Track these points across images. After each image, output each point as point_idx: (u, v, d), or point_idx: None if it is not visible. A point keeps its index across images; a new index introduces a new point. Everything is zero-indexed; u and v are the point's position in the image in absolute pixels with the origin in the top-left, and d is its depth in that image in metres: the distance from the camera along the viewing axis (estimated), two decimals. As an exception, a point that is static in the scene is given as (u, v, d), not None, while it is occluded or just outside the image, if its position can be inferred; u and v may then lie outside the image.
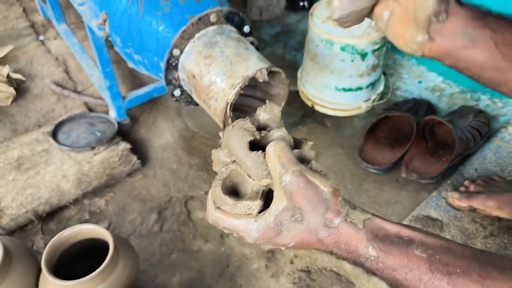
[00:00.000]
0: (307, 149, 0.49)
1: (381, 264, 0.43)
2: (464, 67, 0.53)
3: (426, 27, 0.51)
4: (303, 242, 0.46)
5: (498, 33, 0.50)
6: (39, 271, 0.86)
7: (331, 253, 0.46)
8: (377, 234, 0.43)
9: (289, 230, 0.45)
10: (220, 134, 0.52)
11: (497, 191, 1.04)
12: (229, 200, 0.47)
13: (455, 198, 1.06)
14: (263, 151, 0.47)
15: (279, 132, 0.49)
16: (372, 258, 0.43)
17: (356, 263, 0.45)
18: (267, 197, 0.48)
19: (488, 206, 1.02)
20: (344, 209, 0.44)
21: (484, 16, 0.51)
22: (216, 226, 0.50)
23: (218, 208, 0.49)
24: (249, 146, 0.47)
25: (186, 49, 0.89)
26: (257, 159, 0.46)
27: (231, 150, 0.49)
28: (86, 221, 1.09)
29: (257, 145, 0.48)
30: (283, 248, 0.47)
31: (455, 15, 0.51)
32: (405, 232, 0.44)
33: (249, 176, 0.48)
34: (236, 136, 0.48)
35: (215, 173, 0.52)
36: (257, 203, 0.47)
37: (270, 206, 0.46)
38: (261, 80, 0.82)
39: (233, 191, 0.49)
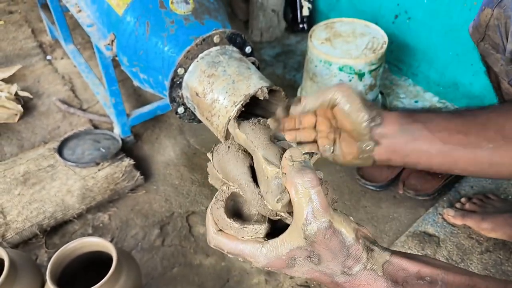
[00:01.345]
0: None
1: None
2: (414, 161, 0.58)
3: (369, 133, 0.56)
4: (315, 279, 0.43)
5: (429, 123, 0.56)
6: (43, 283, 0.88)
7: None
8: (397, 279, 0.41)
9: (303, 266, 0.42)
10: (209, 155, 0.47)
11: (492, 211, 1.06)
12: (235, 224, 0.43)
13: (450, 216, 1.09)
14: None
15: (298, 155, 0.42)
16: None
17: None
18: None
19: (483, 228, 1.04)
20: (364, 254, 0.41)
21: (411, 113, 0.57)
22: (220, 250, 0.46)
23: (221, 230, 0.45)
24: (250, 173, 0.43)
25: (190, 68, 0.92)
26: (272, 184, 0.41)
27: (228, 176, 0.44)
28: (89, 236, 1.11)
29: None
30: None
31: (388, 118, 0.56)
32: (426, 271, 0.41)
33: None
34: (234, 162, 0.44)
35: (214, 187, 0.49)
36: (265, 226, 0.43)
37: (283, 237, 0.42)
38: (261, 98, 0.85)
39: (236, 212, 0.46)
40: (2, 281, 0.77)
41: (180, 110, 1.00)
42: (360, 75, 1.28)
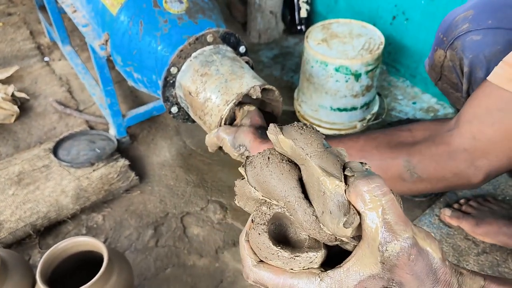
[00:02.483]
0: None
1: None
2: None
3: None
4: None
5: None
6: (34, 283, 0.87)
7: None
8: None
9: None
10: (241, 170, 0.38)
11: (488, 215, 1.05)
12: (284, 253, 0.34)
13: (446, 215, 1.08)
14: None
15: (358, 164, 0.34)
16: None
17: None
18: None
19: (477, 233, 1.03)
20: (454, 278, 0.33)
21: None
22: (260, 286, 0.37)
23: (262, 261, 0.36)
24: (301, 188, 0.35)
25: (183, 67, 0.92)
26: (333, 202, 0.32)
27: (272, 194, 0.36)
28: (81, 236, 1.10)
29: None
30: None
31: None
32: None
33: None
34: (279, 175, 0.35)
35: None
36: (322, 254, 0.34)
37: (349, 265, 0.33)
38: (254, 97, 0.85)
39: (280, 238, 0.37)
40: (-9, 280, 0.77)
41: (174, 109, 1.00)
42: (357, 76, 1.27)
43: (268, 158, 0.36)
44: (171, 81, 0.94)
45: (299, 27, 1.89)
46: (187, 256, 1.07)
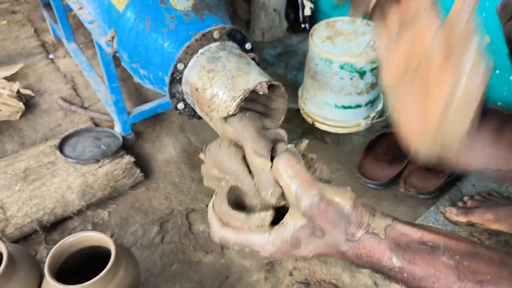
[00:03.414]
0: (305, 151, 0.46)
1: (405, 275, 0.40)
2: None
3: (446, 146, 0.48)
4: (322, 254, 0.44)
5: None
6: (41, 278, 0.87)
7: (352, 263, 0.44)
8: (400, 242, 0.41)
9: (308, 245, 0.43)
10: (201, 156, 0.48)
11: (495, 205, 1.06)
12: (240, 215, 0.43)
13: (453, 214, 1.08)
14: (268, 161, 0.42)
15: (282, 144, 0.44)
16: (397, 269, 0.40)
17: (379, 272, 0.42)
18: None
19: (486, 219, 1.03)
20: (365, 219, 0.41)
21: (503, 125, 0.51)
22: (225, 244, 0.46)
23: (225, 225, 0.45)
24: (246, 165, 0.43)
25: (190, 63, 0.93)
26: (263, 177, 0.42)
27: (225, 171, 0.45)
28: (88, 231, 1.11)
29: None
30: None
31: (475, 135, 0.48)
32: (428, 236, 0.40)
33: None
34: (228, 156, 0.44)
35: (208, 188, 0.49)
36: (271, 213, 0.43)
37: (286, 220, 0.42)
38: (261, 93, 0.85)
39: (238, 205, 0.46)
40: (0, 274, 0.77)
41: (180, 106, 1.00)
42: (361, 74, 1.28)
43: (220, 144, 0.45)
44: (178, 78, 0.94)
45: (302, 25, 1.90)
46: (193, 253, 1.07)
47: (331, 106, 1.36)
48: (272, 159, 0.42)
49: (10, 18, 2.05)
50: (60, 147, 1.28)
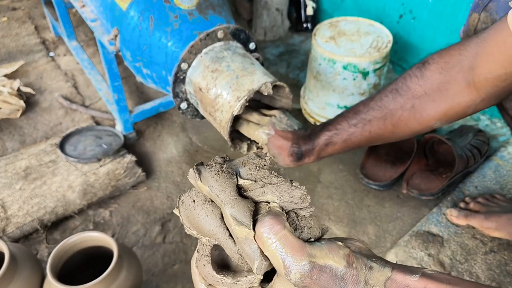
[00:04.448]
0: (299, 192, 0.39)
1: None
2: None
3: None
4: None
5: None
6: (43, 278, 0.87)
7: None
8: None
9: None
10: (176, 212, 0.42)
11: (497, 211, 1.05)
12: (227, 280, 0.39)
13: (453, 216, 1.08)
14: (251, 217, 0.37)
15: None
16: None
17: None
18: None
19: (486, 227, 1.03)
20: (361, 276, 0.38)
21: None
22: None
23: (211, 285, 0.41)
24: (225, 225, 0.39)
25: (194, 63, 0.92)
26: (246, 247, 0.37)
27: (203, 232, 0.40)
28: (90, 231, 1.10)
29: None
30: None
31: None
32: (432, 287, 0.38)
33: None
34: (204, 216, 0.39)
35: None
36: (259, 277, 0.39)
37: (275, 284, 0.39)
38: (265, 94, 0.85)
39: (223, 262, 0.42)
40: (2, 274, 0.77)
41: (183, 105, 1.00)
42: (364, 74, 1.27)
43: (194, 201, 0.40)
44: (181, 77, 0.94)
45: (305, 25, 1.89)
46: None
47: (334, 106, 1.35)
48: (254, 222, 0.37)
49: (10, 15, 2.04)
50: (61, 146, 1.28)
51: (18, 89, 1.48)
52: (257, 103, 0.97)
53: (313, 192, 1.22)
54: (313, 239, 0.39)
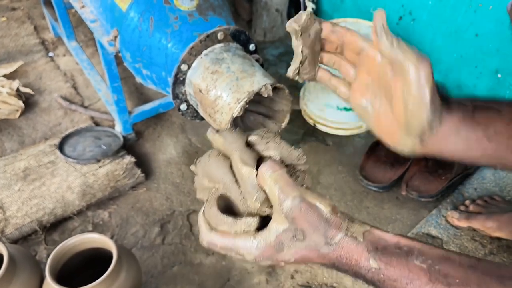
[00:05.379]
0: (299, 160, 0.48)
1: (381, 276, 0.43)
2: (457, 160, 0.54)
3: (419, 136, 0.50)
4: (304, 258, 0.46)
5: (490, 127, 0.51)
6: (42, 279, 0.87)
7: (333, 266, 0.46)
8: (377, 245, 0.44)
9: (290, 248, 0.45)
10: (192, 168, 0.50)
11: (497, 211, 1.06)
12: (228, 219, 0.46)
13: (454, 218, 1.08)
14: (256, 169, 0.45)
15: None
16: (373, 270, 0.43)
17: (357, 275, 0.45)
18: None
19: (488, 226, 1.03)
20: (344, 223, 0.44)
21: (473, 112, 0.51)
22: (213, 248, 0.48)
23: (214, 229, 0.47)
24: (233, 173, 0.46)
25: (194, 64, 0.92)
26: (249, 184, 0.44)
27: (214, 179, 0.47)
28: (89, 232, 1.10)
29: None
30: (282, 264, 0.47)
31: (447, 121, 0.50)
32: (404, 242, 0.44)
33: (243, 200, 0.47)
34: (216, 165, 0.47)
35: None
36: (256, 219, 0.45)
37: (270, 225, 0.45)
38: (265, 96, 0.85)
39: (227, 211, 0.48)
40: (1, 276, 0.77)
41: (183, 107, 0.99)
42: (364, 75, 1.27)
43: (209, 155, 0.49)
44: (181, 78, 0.94)
45: (304, 26, 1.89)
46: (194, 254, 1.07)
47: (333, 107, 1.35)
48: (257, 167, 0.45)
49: (9, 15, 2.03)
50: (60, 147, 1.27)
51: (17, 90, 1.48)
52: (256, 106, 0.97)
53: (313, 194, 1.22)
54: (305, 186, 0.47)
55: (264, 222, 0.46)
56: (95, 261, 0.88)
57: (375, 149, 1.29)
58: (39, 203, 1.12)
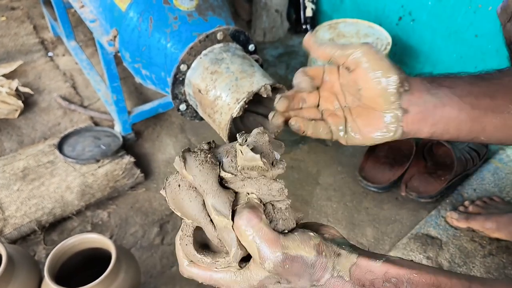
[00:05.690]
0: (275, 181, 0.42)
1: None
2: (442, 130, 0.53)
3: (397, 100, 0.50)
4: None
5: (455, 87, 0.51)
6: (40, 279, 0.87)
7: None
8: (364, 282, 0.42)
9: None
10: (162, 193, 0.44)
11: (496, 212, 1.06)
12: (206, 259, 0.42)
13: (453, 219, 1.08)
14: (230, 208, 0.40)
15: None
16: None
17: None
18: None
19: (487, 227, 1.03)
20: (330, 263, 0.42)
21: (434, 78, 0.53)
22: (194, 279, 0.46)
23: (192, 262, 0.44)
24: (206, 211, 0.41)
25: (193, 64, 0.92)
26: (224, 234, 0.40)
27: (186, 215, 0.42)
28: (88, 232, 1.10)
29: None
30: None
31: (414, 83, 0.51)
32: (393, 271, 0.41)
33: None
34: (188, 201, 0.41)
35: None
36: (235, 264, 0.42)
37: (251, 267, 0.42)
38: (265, 96, 0.85)
39: (204, 242, 0.44)
40: (-1, 276, 0.76)
41: (182, 107, 0.99)
42: (364, 76, 1.27)
43: (179, 185, 0.42)
44: (181, 79, 0.94)
45: (304, 26, 1.89)
46: (193, 254, 1.07)
47: (333, 108, 1.35)
48: (233, 212, 0.40)
49: (9, 14, 2.03)
50: (60, 147, 1.27)
51: (17, 89, 1.48)
52: (256, 106, 0.97)
53: (312, 194, 1.22)
54: (287, 231, 0.42)
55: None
56: (94, 261, 0.88)
57: (374, 150, 1.29)
58: (38, 203, 1.12)
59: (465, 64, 1.41)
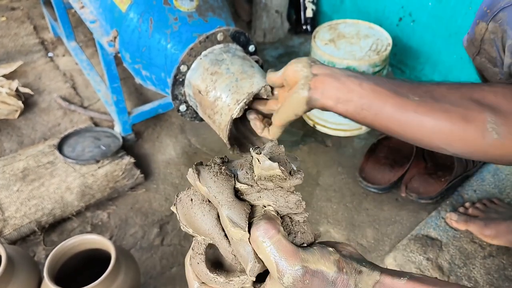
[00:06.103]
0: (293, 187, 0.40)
1: None
2: (347, 97, 0.63)
3: (307, 80, 0.64)
4: None
5: (370, 76, 0.65)
6: (40, 280, 0.86)
7: None
8: None
9: None
10: (173, 209, 0.43)
11: (496, 217, 1.05)
12: (219, 279, 0.40)
13: (453, 220, 1.07)
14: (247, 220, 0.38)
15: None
16: None
17: None
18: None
19: (486, 234, 1.03)
20: (351, 280, 0.40)
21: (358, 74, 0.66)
22: None
23: (204, 283, 0.42)
24: (221, 226, 0.39)
25: (193, 65, 0.92)
26: (240, 248, 0.37)
27: (199, 231, 0.41)
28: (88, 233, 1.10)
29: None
30: None
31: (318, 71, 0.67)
32: None
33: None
34: (201, 215, 0.40)
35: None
36: (252, 278, 0.39)
37: (268, 285, 0.40)
38: (265, 97, 0.84)
39: (217, 261, 0.42)
40: (-2, 277, 0.76)
41: (182, 108, 0.99)
42: (364, 77, 1.27)
43: (191, 199, 0.40)
44: (181, 79, 0.94)
45: (304, 27, 1.89)
46: (193, 255, 1.07)
47: (333, 109, 1.35)
48: (250, 225, 0.38)
49: (9, 14, 2.03)
50: (59, 147, 1.27)
51: (17, 90, 1.48)
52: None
53: (312, 195, 1.22)
54: (305, 244, 0.40)
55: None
56: (94, 262, 0.88)
57: (374, 151, 1.29)
58: (38, 203, 1.12)
59: (465, 65, 1.41)
